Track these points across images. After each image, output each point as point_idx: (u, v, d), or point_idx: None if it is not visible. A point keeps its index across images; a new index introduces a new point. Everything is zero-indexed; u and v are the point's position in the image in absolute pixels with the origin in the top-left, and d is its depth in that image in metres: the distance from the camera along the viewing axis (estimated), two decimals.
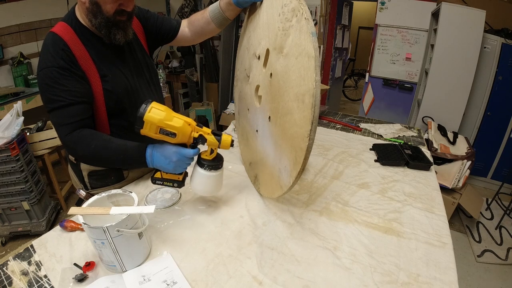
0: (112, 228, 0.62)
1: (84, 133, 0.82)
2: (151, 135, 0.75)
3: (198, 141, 0.80)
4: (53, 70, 0.78)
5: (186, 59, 4.29)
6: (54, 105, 0.80)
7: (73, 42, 0.81)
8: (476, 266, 1.99)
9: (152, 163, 0.80)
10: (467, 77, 2.64)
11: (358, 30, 7.57)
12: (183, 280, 0.66)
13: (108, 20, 0.82)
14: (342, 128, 1.67)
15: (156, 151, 0.79)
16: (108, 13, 0.80)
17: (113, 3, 0.80)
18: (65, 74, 0.79)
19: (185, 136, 0.77)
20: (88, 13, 0.81)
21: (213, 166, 0.83)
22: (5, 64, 2.78)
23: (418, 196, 1.02)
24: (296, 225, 0.86)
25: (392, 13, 3.07)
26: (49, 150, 2.27)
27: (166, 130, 0.74)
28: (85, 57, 0.83)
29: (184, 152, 0.78)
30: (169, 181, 0.84)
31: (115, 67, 0.90)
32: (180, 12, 4.47)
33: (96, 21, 0.81)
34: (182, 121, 0.76)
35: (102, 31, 0.83)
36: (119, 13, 0.82)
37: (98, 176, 1.00)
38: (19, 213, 2.05)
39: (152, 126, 0.72)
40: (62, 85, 0.79)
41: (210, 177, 0.85)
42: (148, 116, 0.71)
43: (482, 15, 2.46)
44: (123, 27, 0.85)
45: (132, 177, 1.08)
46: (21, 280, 0.67)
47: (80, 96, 0.82)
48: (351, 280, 0.68)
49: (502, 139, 2.79)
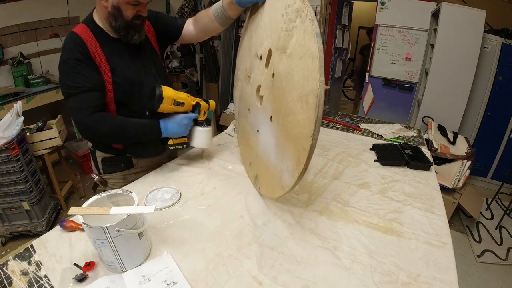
0: (112, 228, 0.62)
1: (104, 115, 0.97)
2: (167, 108, 1.01)
3: (196, 107, 1.09)
4: (72, 61, 0.91)
5: (186, 59, 4.29)
6: (74, 91, 0.92)
7: (89, 40, 0.94)
8: (476, 266, 1.99)
9: (166, 131, 1.04)
10: (467, 77, 2.64)
11: (358, 30, 7.57)
12: (183, 280, 0.66)
13: (127, 23, 0.96)
14: (342, 128, 1.67)
15: (168, 121, 1.04)
16: (128, 17, 0.95)
17: (133, 9, 0.95)
18: (82, 65, 0.92)
19: (188, 104, 1.07)
20: (109, 16, 0.95)
21: (207, 123, 1.14)
22: (5, 64, 2.78)
23: (418, 196, 1.02)
24: (296, 225, 0.86)
25: (392, 13, 3.07)
26: (49, 150, 2.27)
27: (177, 101, 1.03)
28: (98, 52, 0.95)
29: (188, 116, 1.07)
30: (180, 144, 1.11)
31: (124, 62, 1.02)
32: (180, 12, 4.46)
33: (116, 24, 0.96)
34: (185, 94, 1.06)
35: (121, 32, 0.98)
36: (136, 18, 0.97)
37: (110, 162, 1.14)
38: (19, 213, 2.05)
39: (169, 100, 1.00)
40: (80, 73, 0.92)
41: (207, 131, 1.14)
42: (165, 93, 0.98)
43: (482, 15, 2.46)
44: (138, 29, 1.00)
45: (140, 165, 1.18)
46: (21, 280, 0.67)
47: (96, 84, 0.95)
48: (351, 280, 0.68)
49: (502, 139, 2.79)
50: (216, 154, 1.30)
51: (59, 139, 2.27)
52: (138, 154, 1.16)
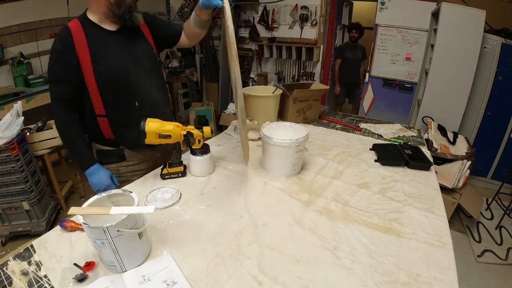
0: (112, 228, 0.62)
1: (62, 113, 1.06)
2: (154, 142, 1.01)
3: (188, 137, 1.06)
4: (55, 51, 1.01)
5: (186, 59, 4.30)
6: (50, 78, 1.03)
7: (76, 30, 1.01)
8: (476, 266, 1.99)
9: (87, 174, 1.11)
10: (467, 77, 2.64)
11: None
12: (183, 280, 0.66)
13: (130, 6, 1.04)
14: (342, 128, 1.67)
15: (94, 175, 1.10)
16: (129, 1, 1.03)
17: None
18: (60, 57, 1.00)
19: (177, 135, 1.04)
20: (112, 6, 1.02)
21: (203, 152, 1.10)
22: (5, 64, 2.78)
23: (418, 196, 1.02)
24: (296, 225, 0.86)
25: (392, 13, 3.07)
26: (49, 150, 2.27)
27: (163, 134, 1.01)
28: (82, 42, 1.01)
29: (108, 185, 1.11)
30: (175, 173, 1.11)
31: (112, 52, 1.06)
32: (180, 12, 4.47)
33: (120, 10, 1.02)
34: (173, 125, 1.04)
35: (126, 16, 1.04)
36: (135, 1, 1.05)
37: (103, 154, 1.18)
38: (19, 213, 2.05)
39: (153, 134, 1.00)
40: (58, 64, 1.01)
41: (203, 160, 1.11)
42: (148, 128, 0.99)
43: (482, 15, 2.46)
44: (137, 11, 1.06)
45: (132, 158, 1.21)
46: (21, 280, 0.67)
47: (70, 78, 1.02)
48: (351, 280, 0.68)
49: (502, 139, 2.79)
50: (216, 154, 1.30)
51: (59, 139, 2.27)
52: (129, 144, 1.18)
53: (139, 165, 1.23)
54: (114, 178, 1.15)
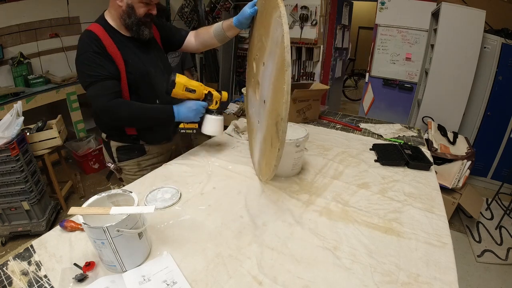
0: (112, 228, 0.62)
1: (123, 101, 1.09)
2: (179, 93, 1.10)
3: (207, 96, 1.16)
4: (90, 54, 1.02)
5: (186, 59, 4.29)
6: (93, 79, 1.03)
7: (103, 36, 1.05)
8: (476, 266, 1.99)
9: (178, 115, 1.12)
10: (467, 77, 2.64)
11: (358, 30, 7.57)
12: (183, 280, 0.66)
13: (139, 20, 1.08)
14: (342, 128, 1.67)
15: (180, 106, 1.13)
16: (140, 15, 1.08)
17: (144, 8, 1.07)
18: (99, 57, 1.03)
19: (200, 92, 1.14)
20: (123, 14, 1.07)
21: (219, 112, 1.20)
22: (5, 64, 2.78)
23: (418, 196, 1.02)
24: (296, 225, 0.86)
25: (392, 13, 3.07)
26: (49, 150, 2.27)
27: (189, 88, 1.11)
28: (112, 47, 1.06)
29: (199, 103, 1.15)
30: (190, 129, 1.18)
31: (135, 56, 1.13)
32: (180, 12, 4.47)
33: (129, 21, 1.07)
34: (197, 82, 1.15)
35: (133, 28, 1.09)
36: (146, 15, 1.09)
37: (124, 150, 1.24)
38: (19, 213, 2.05)
39: (181, 86, 1.09)
40: (99, 64, 1.02)
41: (217, 120, 1.19)
42: (178, 79, 1.07)
43: (482, 15, 2.46)
44: (148, 26, 1.12)
45: (151, 152, 1.29)
46: (21, 280, 0.67)
47: (113, 73, 1.06)
48: (351, 280, 0.68)
49: (502, 139, 2.79)
50: (216, 154, 1.30)
51: (59, 139, 2.27)
52: (150, 139, 1.26)
53: (157, 158, 1.31)
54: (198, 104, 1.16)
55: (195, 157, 1.27)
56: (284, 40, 0.74)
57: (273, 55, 0.84)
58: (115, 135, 1.22)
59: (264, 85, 0.96)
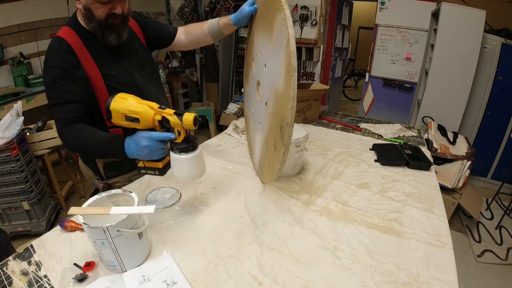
0: (112, 228, 0.62)
1: (76, 127, 0.89)
2: (122, 124, 0.81)
3: (164, 124, 0.80)
4: (56, 70, 0.87)
5: (186, 59, 4.30)
6: (54, 101, 0.89)
7: (77, 45, 0.90)
8: (476, 266, 1.99)
9: (129, 153, 0.84)
10: (467, 77, 2.64)
11: (358, 30, 7.57)
12: (183, 280, 0.66)
13: (101, 23, 0.90)
14: (342, 128, 1.67)
15: (129, 139, 0.84)
16: (100, 17, 0.89)
17: (104, 8, 0.88)
18: (65, 75, 0.87)
19: (148, 120, 0.79)
20: (84, 18, 0.91)
21: (183, 149, 0.80)
22: (5, 64, 2.79)
23: (418, 196, 1.02)
24: (296, 225, 0.86)
25: (392, 13, 3.07)
26: (49, 150, 2.27)
27: (130, 116, 0.79)
28: (87, 59, 0.91)
29: (152, 135, 0.79)
30: (151, 169, 0.86)
31: (119, 65, 0.99)
32: (180, 12, 4.47)
33: (91, 25, 0.91)
34: (145, 105, 0.79)
35: (97, 33, 0.92)
36: (111, 16, 0.90)
37: (113, 166, 1.10)
38: (19, 213, 2.05)
39: (118, 114, 0.79)
40: (62, 84, 0.87)
41: (183, 160, 0.81)
42: (113, 106, 0.78)
43: (482, 15, 2.46)
44: (116, 29, 0.93)
45: None
46: (21, 280, 0.67)
47: (76, 96, 0.89)
48: (351, 280, 0.68)
49: (502, 139, 2.79)
50: (216, 154, 1.30)
51: (59, 139, 2.27)
52: None
53: None
54: None
55: None
56: (290, 44, 0.72)
57: (276, 57, 0.83)
58: None
59: (265, 86, 0.96)
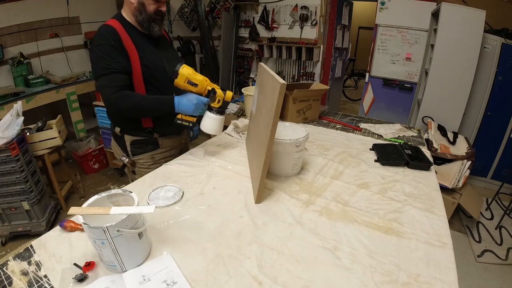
0: (112, 228, 0.62)
1: (126, 92, 1.11)
2: (181, 84, 1.10)
3: (211, 93, 1.15)
4: (106, 46, 1.07)
5: (186, 59, 4.29)
6: (105, 71, 1.07)
7: (120, 30, 1.10)
8: (476, 266, 1.99)
9: (178, 107, 1.13)
10: (467, 77, 2.64)
11: (358, 30, 7.57)
12: (183, 280, 0.66)
13: (150, 17, 1.15)
14: (342, 128, 1.67)
15: (182, 97, 1.13)
16: (150, 12, 1.14)
17: (154, 5, 1.14)
18: (114, 50, 1.08)
19: (203, 87, 1.13)
20: (135, 11, 1.14)
21: (219, 111, 1.19)
22: (5, 64, 2.78)
23: (418, 196, 1.02)
24: (296, 225, 0.86)
25: (392, 13, 3.07)
26: (49, 150, 2.26)
27: (191, 81, 1.10)
28: (128, 41, 1.11)
29: (201, 98, 1.14)
30: (187, 121, 1.17)
31: (152, 52, 1.19)
32: (180, 12, 4.47)
33: (140, 17, 1.14)
34: (202, 77, 1.13)
35: (144, 24, 1.16)
36: (157, 13, 1.16)
37: (139, 144, 1.28)
38: (19, 213, 2.05)
39: (183, 77, 1.09)
40: (112, 58, 1.07)
41: (216, 119, 1.18)
42: (181, 70, 1.08)
43: (482, 15, 2.46)
44: (158, 23, 1.19)
45: (165, 145, 1.33)
46: (21, 280, 0.67)
47: (124, 68, 1.10)
48: (351, 280, 0.68)
49: (502, 139, 2.79)
50: (216, 154, 1.30)
51: (59, 139, 2.27)
52: (164, 132, 1.30)
53: (170, 151, 1.36)
54: None
55: (195, 157, 1.27)
56: None
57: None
58: (130, 129, 1.25)
59: None
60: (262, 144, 0.92)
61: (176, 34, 4.49)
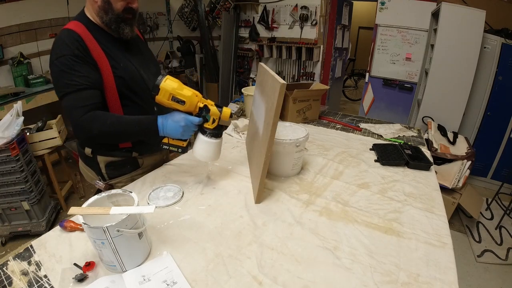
0: (112, 228, 0.62)
1: (98, 113, 0.91)
2: (164, 102, 0.88)
3: (203, 111, 0.92)
4: (69, 58, 0.87)
5: (186, 59, 4.29)
6: (69, 89, 0.88)
7: (86, 36, 0.91)
8: (476, 266, 1.99)
9: (163, 130, 0.91)
10: (467, 77, 2.64)
11: (358, 30, 7.57)
12: (183, 280, 0.66)
13: (118, 16, 0.95)
14: (342, 128, 1.67)
15: (167, 118, 0.91)
16: (118, 10, 0.94)
17: (122, 1, 0.94)
18: (80, 62, 0.89)
19: (192, 104, 0.90)
20: (100, 11, 0.94)
21: (214, 134, 0.95)
22: (5, 64, 2.78)
23: (418, 196, 1.02)
24: (296, 225, 0.86)
25: (392, 13, 3.07)
26: (49, 150, 2.26)
27: (177, 97, 0.88)
28: (96, 49, 0.93)
29: (191, 118, 0.91)
30: (175, 146, 0.96)
31: (125, 58, 1.01)
32: (180, 12, 4.47)
33: (107, 18, 0.94)
34: (191, 92, 0.90)
35: (112, 26, 0.96)
36: (126, 10, 0.96)
37: (115, 165, 1.10)
38: (19, 213, 2.05)
39: (166, 93, 0.86)
40: (78, 71, 0.88)
41: (211, 143, 0.96)
42: (163, 85, 0.86)
43: (482, 15, 2.46)
44: (130, 23, 0.99)
45: (146, 165, 1.17)
46: (21, 280, 0.67)
47: (93, 82, 0.91)
48: (351, 280, 0.68)
49: (502, 139, 2.79)
50: None
51: (59, 139, 2.27)
52: (144, 150, 1.13)
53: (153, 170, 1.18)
54: None
55: (195, 157, 1.27)
56: None
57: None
58: (104, 149, 1.07)
59: None
60: (262, 144, 0.92)
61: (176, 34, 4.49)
